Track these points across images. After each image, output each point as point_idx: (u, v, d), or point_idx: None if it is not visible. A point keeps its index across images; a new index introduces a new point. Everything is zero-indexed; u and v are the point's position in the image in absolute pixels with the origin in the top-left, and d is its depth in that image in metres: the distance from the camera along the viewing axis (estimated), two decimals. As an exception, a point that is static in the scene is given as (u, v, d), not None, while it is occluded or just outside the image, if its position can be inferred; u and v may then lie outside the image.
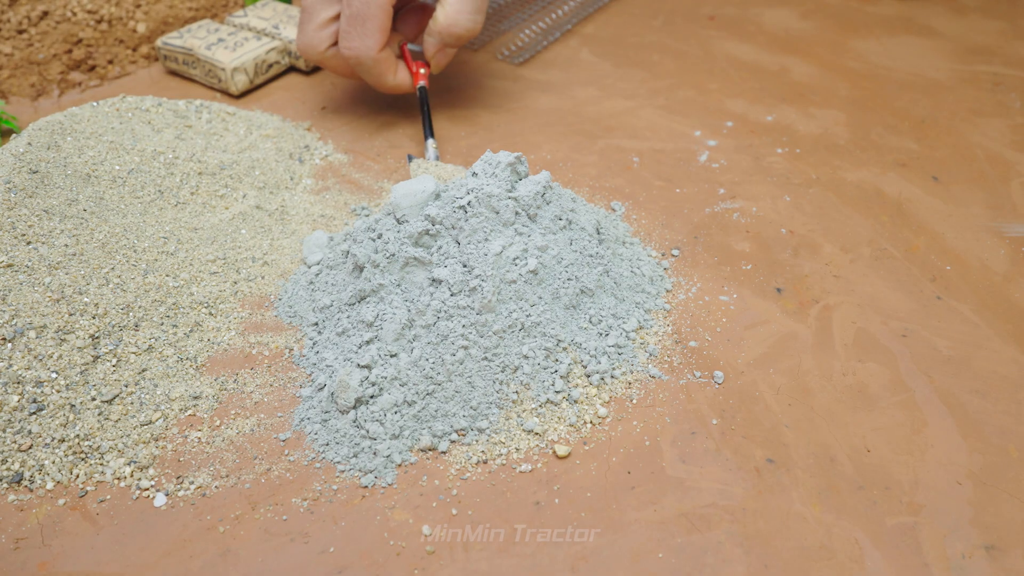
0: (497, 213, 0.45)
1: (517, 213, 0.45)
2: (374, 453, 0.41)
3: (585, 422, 0.43)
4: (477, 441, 0.42)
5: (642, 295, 0.49)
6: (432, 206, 0.46)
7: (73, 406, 0.42)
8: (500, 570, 0.37)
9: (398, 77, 0.62)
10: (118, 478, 0.40)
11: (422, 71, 0.64)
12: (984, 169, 0.62)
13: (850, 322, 0.49)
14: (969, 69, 0.74)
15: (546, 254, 0.45)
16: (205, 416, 0.43)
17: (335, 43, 0.60)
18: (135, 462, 0.41)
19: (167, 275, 0.48)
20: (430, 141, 0.61)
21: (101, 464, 0.41)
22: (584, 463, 0.41)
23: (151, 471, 0.41)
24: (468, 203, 0.45)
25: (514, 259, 0.44)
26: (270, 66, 0.69)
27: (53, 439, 0.41)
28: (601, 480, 0.40)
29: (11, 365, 0.42)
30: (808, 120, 0.67)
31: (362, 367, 0.42)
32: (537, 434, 0.42)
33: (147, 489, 0.40)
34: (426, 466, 0.41)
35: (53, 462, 0.40)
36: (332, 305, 0.47)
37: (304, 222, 0.55)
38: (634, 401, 0.44)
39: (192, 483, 0.40)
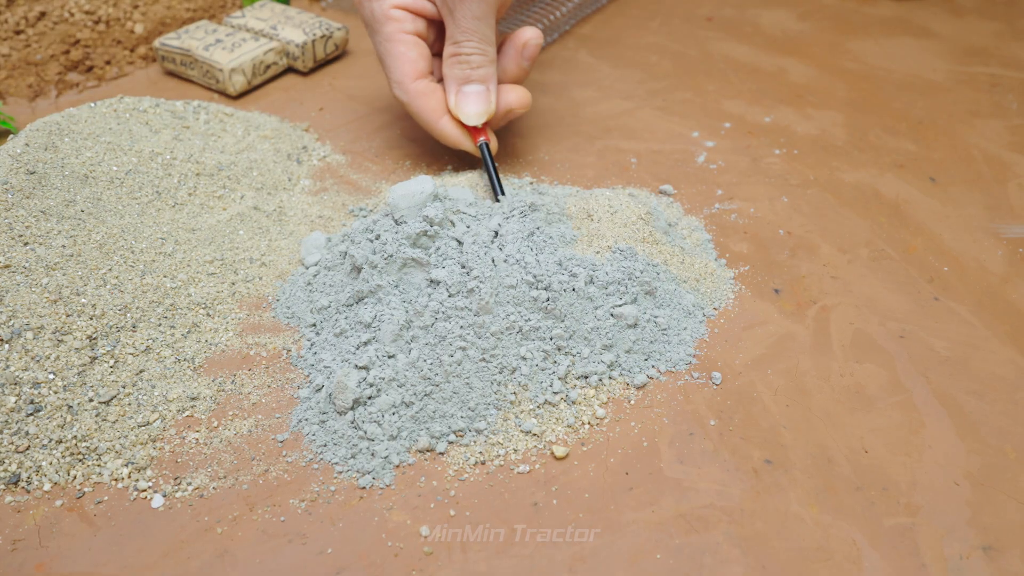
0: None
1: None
2: (372, 454, 0.41)
3: (583, 423, 0.43)
4: (475, 442, 0.42)
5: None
6: (430, 207, 0.46)
7: (71, 407, 0.42)
8: (498, 571, 0.37)
9: (446, 123, 0.55)
10: (116, 479, 0.40)
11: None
12: (981, 170, 0.62)
13: (848, 323, 0.49)
14: (966, 70, 0.74)
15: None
16: (203, 417, 0.43)
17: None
18: (133, 463, 0.41)
19: (165, 276, 0.48)
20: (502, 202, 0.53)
21: (99, 465, 0.41)
22: (582, 464, 0.41)
23: (149, 472, 0.40)
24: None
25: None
26: (268, 67, 0.69)
27: (51, 440, 0.41)
28: (599, 481, 0.40)
29: (8, 366, 0.41)
30: (806, 121, 0.67)
31: (360, 368, 0.42)
32: (535, 435, 0.42)
33: (145, 490, 0.40)
34: (424, 467, 0.41)
35: (51, 463, 0.40)
36: (330, 306, 0.47)
37: (302, 223, 0.55)
38: (632, 402, 0.44)
39: (190, 484, 0.40)
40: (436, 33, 0.58)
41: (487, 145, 0.56)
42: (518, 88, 0.58)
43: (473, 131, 0.56)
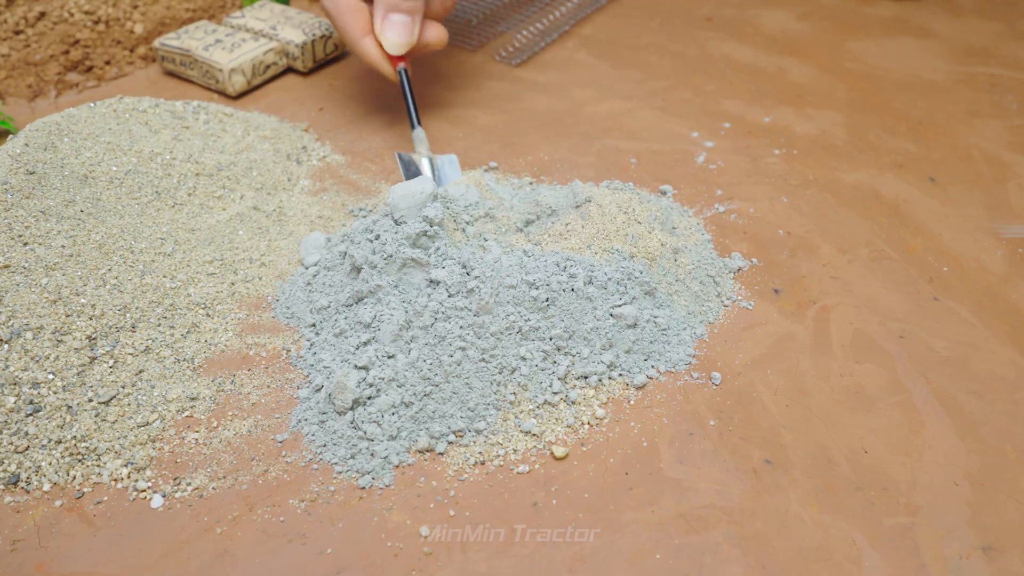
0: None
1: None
2: (371, 454, 0.41)
3: (583, 423, 0.43)
4: (475, 442, 0.42)
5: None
6: (430, 207, 0.46)
7: (70, 407, 0.42)
8: (498, 571, 0.37)
9: (369, 43, 0.57)
10: (115, 479, 0.40)
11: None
12: (981, 170, 0.62)
13: (847, 323, 0.49)
14: (966, 70, 0.74)
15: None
16: (202, 417, 0.43)
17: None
18: (132, 463, 0.41)
19: (164, 276, 0.48)
20: (417, 131, 0.58)
21: (98, 465, 0.41)
22: (582, 464, 0.41)
23: (148, 472, 0.40)
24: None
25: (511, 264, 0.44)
26: (268, 67, 0.69)
27: (50, 440, 0.41)
28: (599, 481, 0.40)
29: (8, 366, 0.41)
30: (806, 121, 0.67)
31: (359, 368, 0.42)
32: (535, 435, 0.42)
33: (144, 490, 0.40)
34: (424, 467, 0.41)
35: (50, 463, 0.40)
36: (330, 306, 0.47)
37: (302, 223, 0.55)
38: (632, 402, 0.44)
39: (189, 484, 0.40)
40: None
41: (405, 71, 0.58)
42: (438, 25, 0.60)
43: (393, 57, 0.59)
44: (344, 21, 0.57)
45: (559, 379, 0.44)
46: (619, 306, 0.45)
